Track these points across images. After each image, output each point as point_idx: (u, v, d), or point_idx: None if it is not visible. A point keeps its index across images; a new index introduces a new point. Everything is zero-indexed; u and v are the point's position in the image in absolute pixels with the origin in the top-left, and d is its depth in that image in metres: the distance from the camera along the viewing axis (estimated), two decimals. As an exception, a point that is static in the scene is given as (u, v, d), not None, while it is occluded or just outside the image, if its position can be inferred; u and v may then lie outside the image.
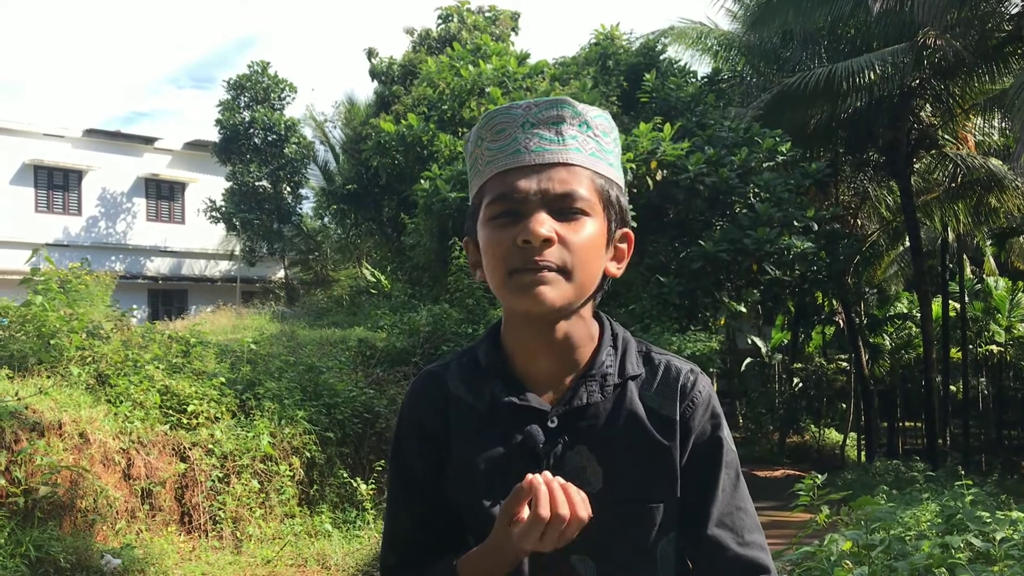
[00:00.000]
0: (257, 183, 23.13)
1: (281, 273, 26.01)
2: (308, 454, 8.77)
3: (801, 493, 5.21)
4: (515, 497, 1.08)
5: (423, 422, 1.29)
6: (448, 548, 1.27)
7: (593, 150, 1.22)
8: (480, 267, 1.26)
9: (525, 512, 1.07)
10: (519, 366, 1.25)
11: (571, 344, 1.23)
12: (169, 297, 25.79)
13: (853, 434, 22.86)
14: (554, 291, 1.15)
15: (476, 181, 1.24)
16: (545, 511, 1.06)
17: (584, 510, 1.08)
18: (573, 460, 1.20)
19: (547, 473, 1.09)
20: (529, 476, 1.08)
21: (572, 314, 1.22)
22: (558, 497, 1.07)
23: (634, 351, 1.28)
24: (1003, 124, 16.77)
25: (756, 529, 1.24)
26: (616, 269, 1.26)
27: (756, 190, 13.21)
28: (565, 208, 1.17)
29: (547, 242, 1.14)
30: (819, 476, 5.27)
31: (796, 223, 12.95)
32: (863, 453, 20.23)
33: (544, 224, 1.15)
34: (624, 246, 1.28)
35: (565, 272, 1.16)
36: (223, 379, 8.91)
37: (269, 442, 8.42)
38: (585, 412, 1.22)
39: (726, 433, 1.27)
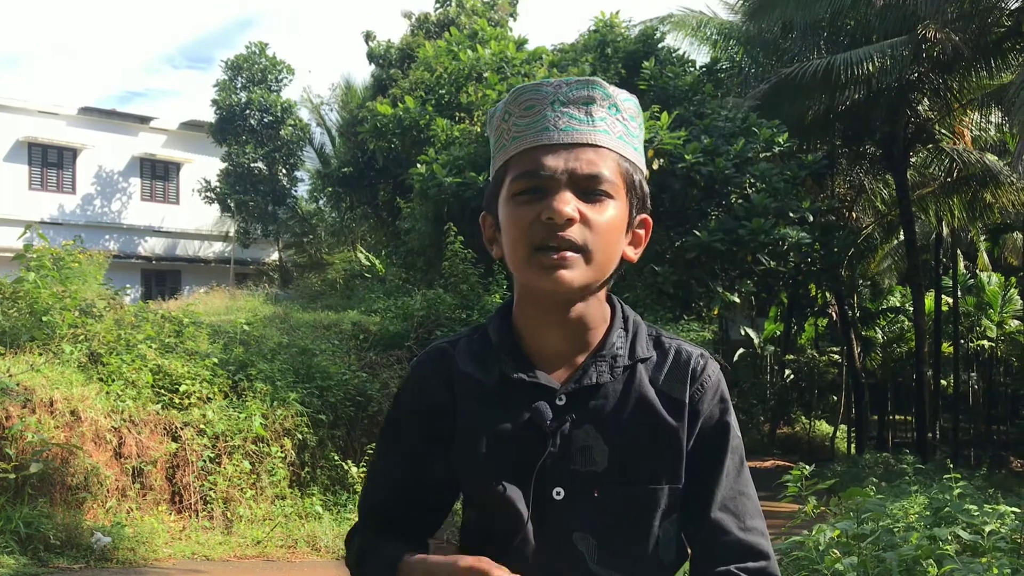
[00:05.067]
0: (252, 164, 23.06)
1: (275, 255, 25.96)
2: (300, 436, 8.77)
3: (789, 484, 5.24)
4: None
5: (427, 396, 1.29)
6: (423, 525, 1.31)
7: (621, 133, 1.22)
8: (496, 243, 1.26)
9: None
10: (530, 344, 1.25)
11: (584, 324, 1.24)
12: (163, 277, 25.73)
13: (843, 426, 22.96)
14: (573, 272, 1.16)
15: (500, 156, 1.24)
16: None
17: None
18: (580, 439, 1.20)
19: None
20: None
21: (588, 295, 1.22)
22: None
23: (644, 334, 1.28)
24: (1000, 120, 16.78)
25: (758, 515, 1.25)
26: (633, 254, 1.26)
27: (752, 180, 13.18)
28: (590, 189, 1.17)
29: (570, 221, 1.15)
30: (807, 467, 5.29)
31: (791, 214, 12.94)
32: (853, 445, 20.33)
33: (569, 203, 1.15)
34: (642, 232, 1.28)
35: (585, 252, 1.16)
36: (216, 360, 8.90)
37: (261, 423, 8.42)
38: (594, 392, 1.22)
39: (733, 419, 1.27)
